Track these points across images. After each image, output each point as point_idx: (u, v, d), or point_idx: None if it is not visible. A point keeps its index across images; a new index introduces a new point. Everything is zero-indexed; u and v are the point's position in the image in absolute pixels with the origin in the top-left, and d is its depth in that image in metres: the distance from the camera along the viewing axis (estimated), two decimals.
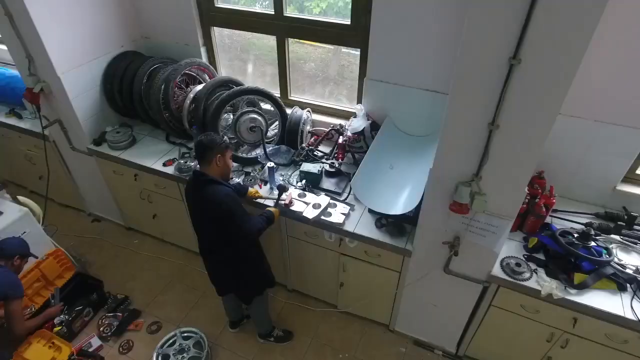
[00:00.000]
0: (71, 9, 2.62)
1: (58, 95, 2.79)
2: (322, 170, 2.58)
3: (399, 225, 2.27)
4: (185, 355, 2.64)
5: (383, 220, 2.30)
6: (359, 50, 2.58)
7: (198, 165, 2.17)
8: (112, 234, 3.61)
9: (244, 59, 3.25)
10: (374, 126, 2.61)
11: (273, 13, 2.66)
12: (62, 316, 2.75)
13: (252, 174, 2.67)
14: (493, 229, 1.87)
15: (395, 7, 2.19)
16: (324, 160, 2.70)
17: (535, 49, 1.38)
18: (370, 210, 2.36)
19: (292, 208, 2.38)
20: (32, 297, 2.82)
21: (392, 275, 2.41)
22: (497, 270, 2.07)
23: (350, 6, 2.43)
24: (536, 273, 2.03)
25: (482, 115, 1.59)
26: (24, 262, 2.51)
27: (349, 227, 2.30)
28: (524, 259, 2.10)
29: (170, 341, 2.71)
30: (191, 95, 2.79)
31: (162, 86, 2.72)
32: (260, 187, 2.59)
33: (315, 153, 2.76)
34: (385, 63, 2.42)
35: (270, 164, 2.53)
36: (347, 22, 2.49)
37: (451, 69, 1.69)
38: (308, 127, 2.87)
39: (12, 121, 3.32)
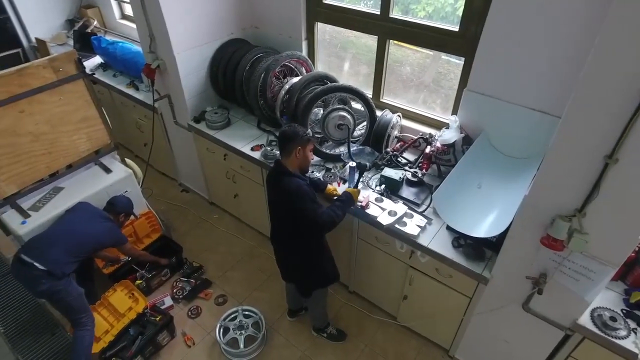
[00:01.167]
0: None
1: (171, 72, 3.07)
2: (403, 178, 2.51)
3: (478, 249, 2.13)
4: (243, 332, 2.76)
5: (461, 241, 2.17)
6: (462, 59, 2.46)
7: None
8: (196, 206, 3.90)
9: (341, 56, 3.28)
10: (467, 140, 2.46)
11: (378, 13, 2.63)
12: (143, 272, 3.04)
13: (332, 171, 2.69)
14: (590, 274, 1.66)
15: (515, 18, 2.03)
16: (407, 167, 2.62)
17: None
18: (448, 228, 2.24)
19: (368, 211, 2.35)
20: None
21: (462, 300, 2.27)
22: (585, 320, 1.84)
23: (460, 12, 2.32)
24: (635, 333, 1.77)
25: (599, 145, 1.41)
26: (127, 219, 2.82)
27: (423, 240, 2.21)
28: (621, 314, 1.84)
29: (232, 316, 2.85)
30: (287, 86, 2.88)
31: (262, 75, 2.84)
32: (339, 185, 2.60)
33: (399, 159, 2.69)
34: (490, 75, 2.26)
35: (352, 164, 2.52)
36: (455, 28, 2.38)
37: (568, 90, 1.53)
38: (396, 132, 2.80)
39: (131, 92, 3.73)
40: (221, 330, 2.77)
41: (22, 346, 2.80)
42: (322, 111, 2.82)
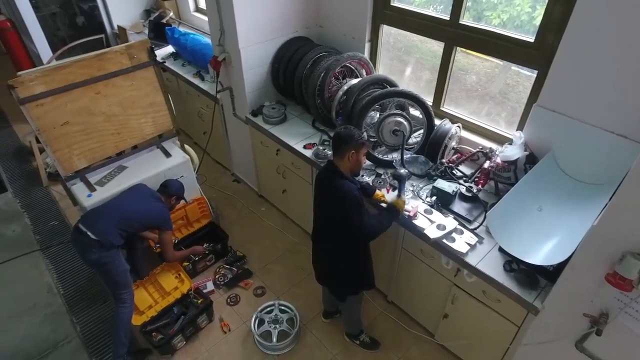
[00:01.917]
0: None
1: (235, 66, 3.17)
2: (456, 192, 2.40)
3: (532, 276, 1.98)
4: (277, 326, 2.79)
5: (514, 265, 2.04)
6: (534, 71, 2.30)
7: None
8: (245, 197, 4.00)
9: (403, 60, 3.20)
10: (531, 159, 2.31)
11: (448, 19, 2.53)
12: (192, 255, 3.17)
13: (382, 177, 2.64)
14: None
15: (597, 30, 1.86)
16: (461, 181, 2.51)
17: None
18: (501, 250, 2.11)
19: (415, 222, 2.27)
20: (174, 231, 3.30)
21: (508, 327, 2.13)
22: None
23: (537, 21, 2.17)
24: None
25: None
26: (177, 203, 2.93)
27: (471, 259, 2.10)
28: None
29: (269, 309, 2.89)
30: (345, 87, 2.86)
31: (322, 74, 2.85)
32: (388, 192, 2.54)
33: (454, 171, 2.58)
34: (564, 91, 2.10)
35: (404, 171, 2.45)
36: (530, 38, 2.23)
37: None
38: (453, 143, 2.69)
39: (196, 81, 3.90)
40: (256, 321, 2.82)
41: (76, 309, 3.04)
42: (378, 115, 2.78)
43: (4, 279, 3.26)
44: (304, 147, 2.95)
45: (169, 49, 4.43)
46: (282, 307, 2.90)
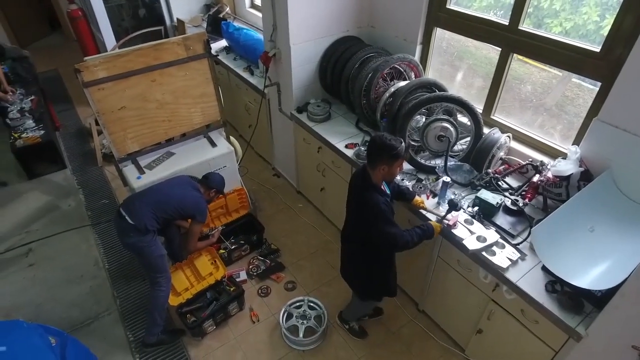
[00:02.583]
0: None
1: (284, 62, 3.21)
2: (501, 204, 2.31)
3: (576, 299, 1.87)
4: (305, 322, 2.80)
5: (557, 286, 1.93)
6: (597, 84, 2.16)
7: None
8: (284, 192, 4.05)
9: (455, 65, 3.11)
10: (585, 176, 2.17)
11: (507, 24, 2.44)
12: (227, 243, 3.25)
13: (423, 182, 2.58)
14: None
15: None
16: (507, 193, 2.40)
17: None
18: (544, 269, 2.01)
19: (455, 231, 2.21)
20: (213, 219, 3.41)
21: (545, 351, 2.02)
22: None
23: (604, 31, 2.04)
24: None
25: None
26: (216, 196, 2.93)
27: (512, 275, 2.01)
28: None
29: (298, 304, 2.92)
30: (392, 89, 2.82)
31: (370, 74, 2.83)
32: (427, 199, 2.48)
33: (499, 183, 2.48)
34: (630, 107, 1.96)
35: (447, 179, 2.39)
36: (596, 48, 2.10)
37: None
38: (501, 153, 2.59)
39: (246, 75, 3.99)
40: (285, 314, 2.85)
41: (118, 284, 3.21)
42: (424, 119, 2.72)
43: (58, 249, 3.50)
44: (346, 146, 2.95)
45: (223, 42, 4.57)
46: (311, 304, 2.91)
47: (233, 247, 3.27)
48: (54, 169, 4.32)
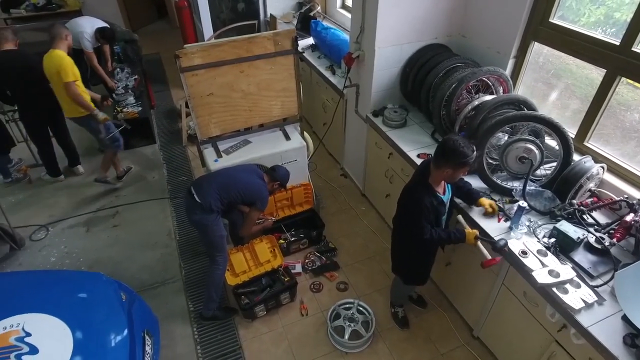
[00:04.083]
0: None
1: (367, 64, 3.22)
2: (582, 240, 2.11)
3: None
4: (351, 325, 2.80)
5: (638, 341, 1.72)
6: None
7: None
8: (349, 193, 4.07)
9: (551, 83, 2.88)
10: None
11: (617, 44, 2.21)
12: (287, 235, 3.35)
13: (496, 202, 2.43)
14: None
15: None
16: (592, 229, 2.18)
17: None
18: (625, 319, 1.79)
19: (525, 261, 2.06)
20: (277, 210, 3.53)
21: None
22: None
23: None
24: None
25: None
26: (278, 189, 3.01)
27: (584, 319, 1.83)
28: None
29: (347, 305, 2.92)
30: (476, 102, 2.70)
31: (454, 85, 2.72)
32: (499, 221, 2.34)
33: (584, 216, 2.26)
34: None
35: (523, 204, 2.23)
36: None
37: None
38: (591, 185, 2.35)
39: (328, 74, 4.06)
40: (333, 313, 2.87)
41: (185, 256, 3.46)
42: (506, 138, 2.56)
43: (140, 215, 3.87)
44: (418, 155, 2.88)
45: (310, 40, 4.69)
46: (361, 308, 2.90)
47: (292, 240, 3.35)
48: (145, 143, 4.76)
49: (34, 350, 1.92)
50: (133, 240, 3.60)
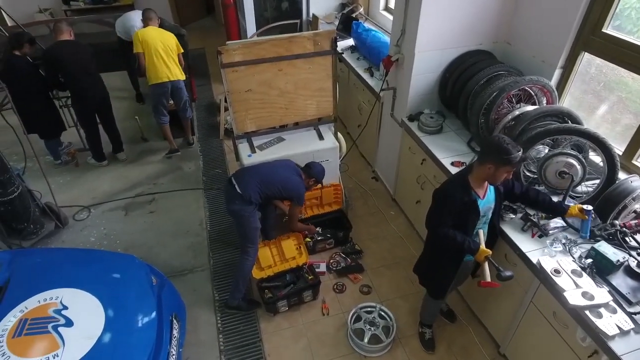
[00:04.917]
0: (457, 1, 2.83)
1: (406, 68, 3.18)
2: (622, 263, 2.00)
3: None
4: (372, 329, 2.78)
5: None
6: None
7: None
8: (379, 196, 4.04)
9: (601, 96, 2.73)
10: None
11: None
12: (315, 234, 3.37)
13: (532, 218, 2.34)
14: None
15: None
16: (634, 253, 2.06)
17: None
18: None
19: (557, 280, 1.97)
20: (306, 208, 3.55)
21: None
22: None
23: None
24: None
25: None
26: (314, 185, 3.07)
27: (618, 347, 1.74)
28: None
29: (369, 309, 2.90)
30: (517, 112, 2.61)
31: (495, 93, 2.65)
32: (533, 237, 2.26)
33: (626, 238, 2.14)
34: None
35: (588, 207, 2.13)
36: None
37: None
38: (637, 206, 2.22)
39: (365, 76, 4.05)
40: (354, 315, 2.86)
41: (215, 246, 3.56)
42: (546, 150, 2.46)
43: (174, 203, 4.01)
44: (452, 163, 2.82)
45: (350, 41, 4.69)
46: (382, 313, 2.88)
47: (319, 239, 3.37)
48: (183, 135, 4.93)
49: (69, 322, 2.04)
50: (167, 227, 3.74)
